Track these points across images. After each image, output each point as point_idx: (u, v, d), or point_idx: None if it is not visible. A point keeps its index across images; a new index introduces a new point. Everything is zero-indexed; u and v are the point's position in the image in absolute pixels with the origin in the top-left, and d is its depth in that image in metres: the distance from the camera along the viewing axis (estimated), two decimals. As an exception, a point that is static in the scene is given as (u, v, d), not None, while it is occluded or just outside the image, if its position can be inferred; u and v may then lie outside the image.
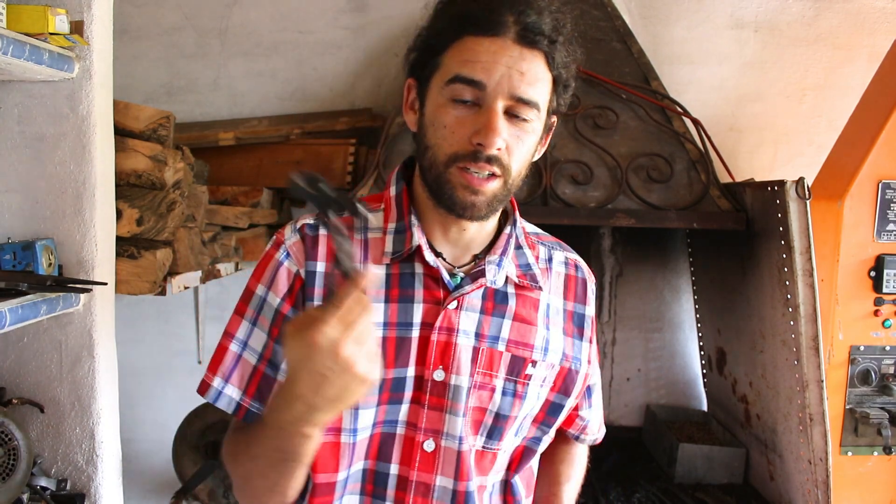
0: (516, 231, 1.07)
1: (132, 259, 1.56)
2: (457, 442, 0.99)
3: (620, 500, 2.07)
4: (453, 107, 0.93)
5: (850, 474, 1.98)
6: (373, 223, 1.03)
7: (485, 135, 0.91)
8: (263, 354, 1.00)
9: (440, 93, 0.95)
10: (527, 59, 0.93)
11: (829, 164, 2.13)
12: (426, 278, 1.00)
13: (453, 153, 0.94)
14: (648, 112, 2.14)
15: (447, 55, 0.95)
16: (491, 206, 0.96)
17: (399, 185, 1.05)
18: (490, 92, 0.92)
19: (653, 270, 2.61)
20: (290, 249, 1.00)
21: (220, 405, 1.00)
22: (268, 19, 2.51)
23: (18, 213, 1.37)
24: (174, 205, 1.60)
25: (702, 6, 2.51)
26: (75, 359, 1.39)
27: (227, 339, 1.01)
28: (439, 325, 0.98)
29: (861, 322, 1.96)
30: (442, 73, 0.95)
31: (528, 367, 1.02)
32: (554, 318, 1.07)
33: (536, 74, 0.94)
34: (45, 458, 1.41)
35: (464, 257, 1.04)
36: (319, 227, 1.02)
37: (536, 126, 0.97)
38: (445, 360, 0.98)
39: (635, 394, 2.61)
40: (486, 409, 1.01)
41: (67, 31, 1.27)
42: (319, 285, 0.99)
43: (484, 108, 0.92)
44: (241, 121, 2.47)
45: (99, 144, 1.38)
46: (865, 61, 2.46)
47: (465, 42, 0.93)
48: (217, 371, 1.00)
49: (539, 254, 1.09)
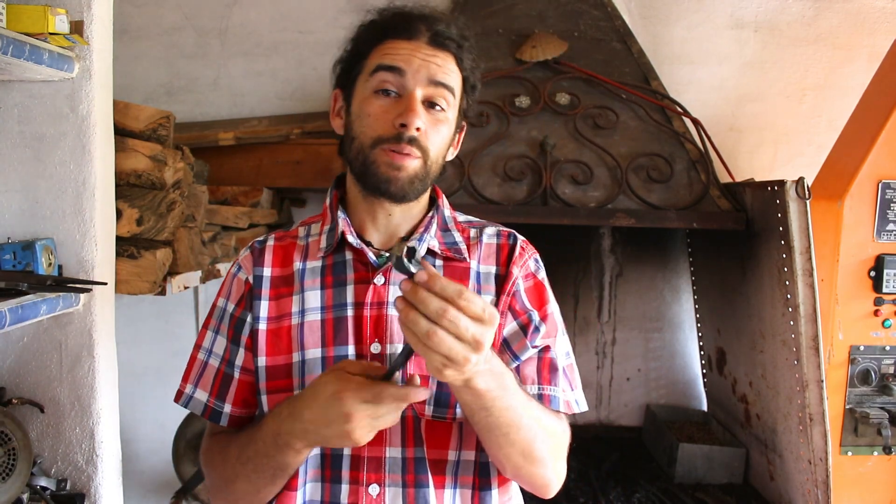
0: (443, 216, 1.15)
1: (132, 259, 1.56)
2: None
3: (620, 500, 2.07)
4: (377, 97, 1.05)
5: (850, 474, 1.98)
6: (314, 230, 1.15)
7: (406, 115, 1.02)
8: (224, 357, 1.12)
9: (364, 87, 1.06)
10: (439, 56, 1.06)
11: (829, 164, 2.13)
12: (355, 262, 1.09)
13: (377, 136, 1.04)
14: (648, 112, 2.14)
15: (370, 57, 1.07)
16: (412, 183, 1.05)
17: (331, 195, 1.16)
18: (409, 78, 1.03)
19: (653, 270, 2.61)
20: (241, 263, 1.14)
21: (190, 408, 1.13)
22: (268, 19, 2.51)
23: (18, 213, 1.37)
24: (174, 205, 1.60)
25: (702, 6, 2.51)
26: (75, 359, 1.39)
27: (196, 350, 1.15)
28: (369, 300, 1.05)
29: (861, 322, 1.97)
30: (366, 70, 1.07)
31: None
32: (485, 283, 1.11)
33: (448, 67, 1.07)
34: (45, 458, 1.41)
35: (391, 242, 1.12)
36: (267, 241, 1.15)
37: (451, 116, 1.08)
38: (380, 333, 1.04)
39: (635, 394, 2.61)
40: (428, 377, 1.01)
41: (67, 31, 1.27)
42: (266, 287, 1.10)
43: (404, 95, 1.04)
44: (241, 121, 2.47)
45: (99, 144, 1.38)
46: (865, 61, 2.46)
47: (386, 44, 1.07)
48: (189, 379, 1.14)
49: (469, 234, 1.15)
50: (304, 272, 1.10)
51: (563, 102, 2.13)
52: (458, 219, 1.18)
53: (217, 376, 1.11)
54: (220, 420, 1.10)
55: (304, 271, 1.10)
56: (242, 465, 1.02)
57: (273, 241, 1.15)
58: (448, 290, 0.77)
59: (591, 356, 2.61)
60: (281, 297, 1.09)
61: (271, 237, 1.16)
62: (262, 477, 1.01)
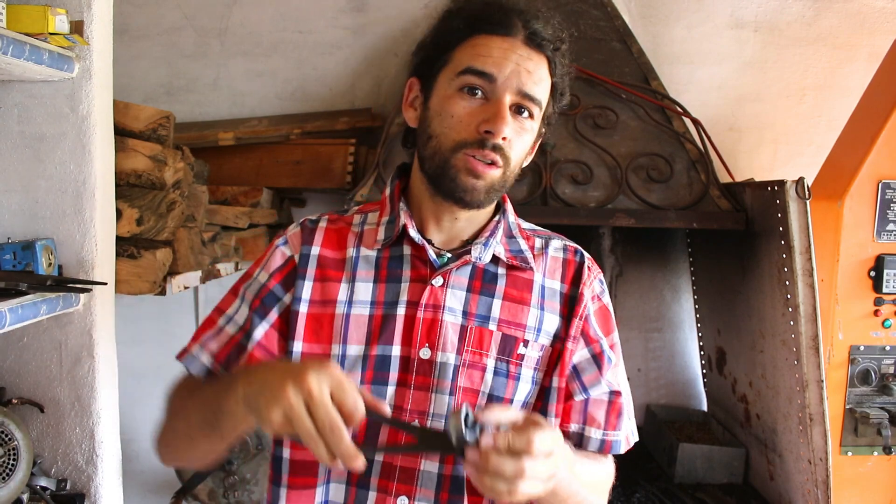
0: (508, 221, 1.10)
1: (132, 259, 1.56)
2: (444, 422, 0.96)
3: (620, 500, 2.06)
4: (462, 97, 0.98)
5: (850, 474, 1.98)
6: (371, 219, 1.09)
7: (494, 122, 0.96)
8: (243, 326, 1.04)
9: (449, 85, 0.99)
10: (534, 60, 0.99)
11: (829, 164, 2.13)
12: (413, 259, 1.04)
13: (461, 140, 0.97)
14: (648, 112, 2.14)
15: (458, 51, 1.00)
16: (489, 193, 1.00)
17: (392, 185, 1.11)
18: (500, 85, 0.97)
19: (653, 270, 2.61)
20: (289, 238, 1.08)
21: (191, 369, 1.06)
22: (268, 19, 2.51)
23: (18, 213, 1.37)
24: (174, 205, 1.60)
25: (702, 6, 2.50)
26: (75, 359, 1.39)
27: (217, 313, 1.08)
28: (425, 301, 1.00)
29: (861, 322, 1.97)
30: (452, 66, 1.00)
31: (521, 347, 1.01)
32: (550, 298, 1.06)
33: (541, 76, 1.00)
34: (45, 458, 1.41)
35: (453, 243, 1.07)
36: (319, 221, 1.09)
37: (535, 126, 1.02)
38: (432, 338, 0.99)
39: (635, 394, 2.58)
40: (478, 391, 0.99)
41: (67, 31, 1.26)
42: (312, 266, 1.04)
43: (493, 100, 0.97)
44: (241, 121, 2.47)
45: (99, 144, 1.38)
46: (865, 61, 2.46)
47: (477, 39, 0.99)
48: (198, 339, 1.07)
49: (534, 244, 1.11)
50: (358, 260, 1.04)
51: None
52: (522, 225, 1.13)
53: (228, 343, 1.04)
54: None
55: (358, 260, 1.04)
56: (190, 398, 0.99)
57: (326, 222, 1.09)
58: (517, 444, 0.77)
59: (591, 356, 2.60)
60: (327, 280, 1.03)
61: (324, 218, 1.10)
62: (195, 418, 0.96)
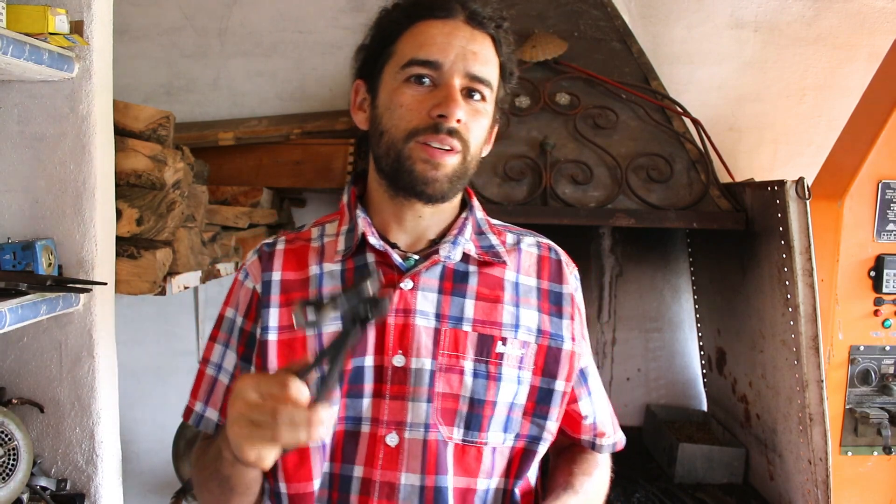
0: (476, 217, 1.06)
1: (132, 259, 1.56)
2: (422, 431, 0.93)
3: (620, 500, 2.07)
4: (409, 87, 0.95)
5: (850, 474, 1.98)
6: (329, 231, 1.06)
7: (447, 105, 0.92)
8: (234, 374, 1.03)
9: (395, 78, 0.97)
10: (478, 41, 0.97)
11: (829, 164, 2.13)
12: (380, 265, 0.99)
13: (413, 128, 0.94)
14: (648, 112, 2.14)
15: (400, 43, 0.97)
16: (451, 182, 0.96)
17: (348, 193, 1.07)
18: (447, 70, 0.94)
19: (653, 270, 2.61)
20: (248, 269, 1.05)
21: (203, 428, 1.04)
22: (268, 19, 2.51)
23: (18, 213, 1.37)
24: (174, 205, 1.60)
25: (702, 6, 2.50)
26: (75, 359, 1.39)
27: (204, 364, 1.06)
28: (394, 307, 0.95)
29: (861, 322, 1.96)
30: (396, 59, 0.97)
31: (498, 346, 0.97)
32: (525, 295, 1.02)
33: (487, 56, 0.98)
34: (45, 458, 1.41)
35: (419, 244, 1.03)
36: (276, 244, 1.05)
37: (489, 108, 0.99)
38: (405, 344, 0.94)
39: (635, 394, 2.61)
40: (458, 396, 0.95)
41: (67, 31, 1.26)
42: (275, 292, 1.00)
43: (442, 84, 0.95)
44: (241, 121, 2.47)
45: (99, 144, 1.38)
46: (865, 61, 2.46)
47: (417, 27, 0.97)
48: (198, 396, 1.05)
49: (506, 239, 1.07)
50: (322, 277, 1.00)
51: (563, 102, 2.13)
52: (492, 221, 1.10)
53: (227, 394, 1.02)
54: None
55: (322, 276, 1.00)
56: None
57: (283, 244, 1.05)
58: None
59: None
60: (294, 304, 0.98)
61: (281, 240, 1.06)
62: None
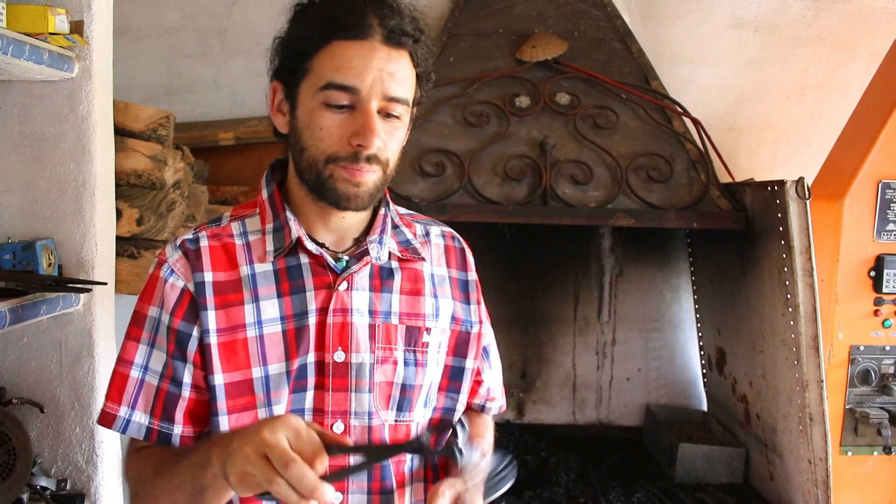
0: (390, 212, 1.11)
1: (132, 259, 1.56)
2: (366, 418, 1.01)
3: (620, 500, 2.06)
4: (328, 110, 0.96)
5: (850, 474, 1.98)
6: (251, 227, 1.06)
7: (364, 136, 0.95)
8: (165, 374, 1.00)
9: (313, 98, 0.97)
10: (394, 60, 0.96)
11: (829, 164, 2.13)
12: (313, 266, 1.03)
13: (332, 153, 0.96)
14: (648, 112, 2.14)
15: (316, 60, 0.97)
16: (372, 196, 1.00)
17: (270, 187, 1.08)
18: (364, 96, 0.95)
19: (653, 270, 2.61)
20: (173, 266, 1.02)
21: (130, 434, 1.00)
22: (268, 19, 2.49)
23: (18, 213, 1.37)
24: (174, 205, 1.60)
25: (702, 6, 2.50)
26: (75, 359, 1.39)
27: (125, 365, 1.01)
28: (333, 307, 1.01)
29: (861, 322, 1.97)
30: (313, 78, 0.97)
31: (424, 336, 1.06)
32: (440, 285, 1.11)
33: (404, 74, 0.98)
34: (45, 458, 1.41)
35: (344, 242, 1.07)
36: (199, 240, 1.03)
37: (406, 118, 1.01)
38: (344, 341, 1.01)
39: (635, 394, 2.61)
40: (392, 383, 1.03)
41: (67, 31, 1.27)
42: (210, 294, 1.00)
43: (359, 110, 0.95)
44: (241, 121, 2.47)
45: (99, 144, 1.38)
46: (865, 61, 2.46)
47: (333, 47, 0.96)
48: (121, 400, 1.00)
49: (416, 231, 1.13)
50: (255, 278, 1.01)
51: (563, 102, 2.13)
52: (400, 212, 1.15)
53: (158, 396, 1.00)
54: (171, 442, 1.00)
55: (255, 276, 1.01)
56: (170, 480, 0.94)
57: (207, 240, 1.03)
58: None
59: (591, 356, 2.60)
60: (230, 306, 1.00)
61: (203, 235, 1.04)
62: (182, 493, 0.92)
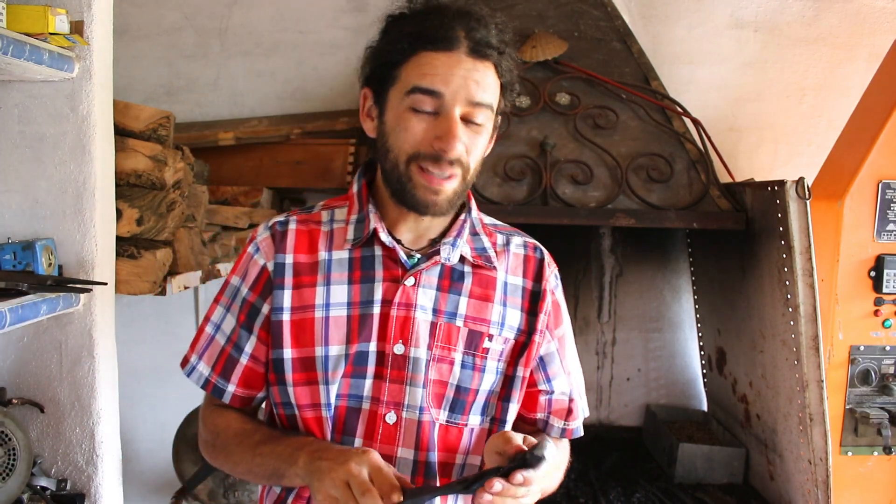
0: (472, 218, 1.14)
1: (132, 259, 1.56)
2: (417, 412, 1.05)
3: (620, 500, 2.07)
4: (413, 114, 1.01)
5: (850, 474, 1.98)
6: (338, 217, 1.13)
7: (446, 141, 0.99)
8: (231, 337, 1.12)
9: (400, 103, 1.02)
10: (479, 70, 1.01)
11: (829, 164, 2.13)
12: (385, 259, 1.08)
13: (414, 152, 1.01)
14: (648, 112, 2.14)
15: (404, 69, 1.02)
16: (451, 202, 1.05)
17: (360, 182, 1.14)
18: (448, 100, 1.00)
19: (653, 270, 2.61)
20: (259, 245, 1.11)
21: (192, 379, 1.15)
22: (268, 19, 2.51)
23: (18, 213, 1.37)
24: (174, 205, 1.60)
25: (702, 6, 2.51)
26: (75, 359, 1.39)
27: (206, 322, 1.16)
28: (398, 300, 1.06)
29: (861, 322, 1.97)
30: (400, 85, 1.02)
31: (485, 342, 1.09)
32: (512, 294, 1.13)
33: (488, 83, 1.02)
34: (45, 458, 1.41)
35: (422, 242, 1.12)
36: (289, 223, 1.12)
37: (488, 127, 1.06)
38: (405, 334, 1.05)
39: (635, 394, 2.61)
40: (447, 383, 1.07)
41: (67, 31, 1.27)
42: (288, 275, 1.08)
43: (443, 114, 1.00)
44: (241, 121, 2.47)
45: (99, 144, 1.38)
46: (865, 61, 2.46)
47: (421, 57, 1.01)
48: (195, 349, 1.15)
49: (496, 240, 1.16)
50: (331, 263, 1.08)
51: (563, 102, 2.14)
52: (484, 220, 1.17)
53: (222, 355, 1.12)
54: (223, 397, 1.12)
55: (331, 262, 1.08)
56: (252, 454, 1.06)
57: (295, 224, 1.12)
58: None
59: (591, 356, 2.60)
60: (303, 287, 1.07)
61: (293, 219, 1.12)
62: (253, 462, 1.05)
